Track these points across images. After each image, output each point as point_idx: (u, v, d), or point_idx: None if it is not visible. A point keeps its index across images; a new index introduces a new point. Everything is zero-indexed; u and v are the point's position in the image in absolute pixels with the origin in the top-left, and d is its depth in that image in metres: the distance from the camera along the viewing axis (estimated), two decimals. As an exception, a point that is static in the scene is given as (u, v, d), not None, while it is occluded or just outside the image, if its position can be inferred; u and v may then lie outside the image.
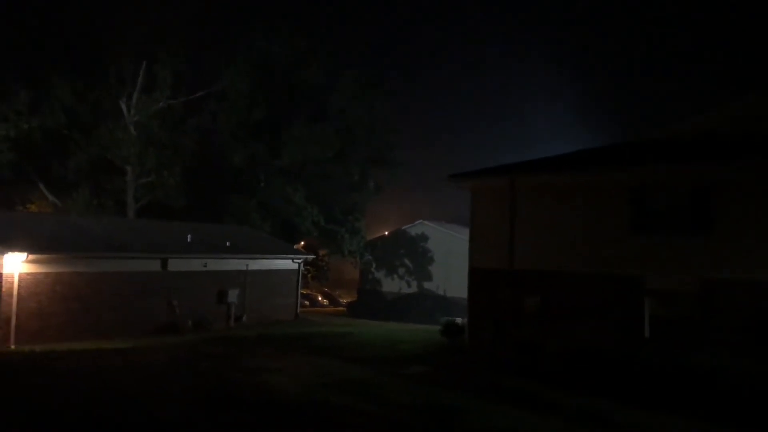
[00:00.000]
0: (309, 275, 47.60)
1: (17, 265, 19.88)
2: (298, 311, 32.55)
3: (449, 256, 43.59)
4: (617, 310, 15.52)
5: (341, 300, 57.39)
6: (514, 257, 17.37)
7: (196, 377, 13.76)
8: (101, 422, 9.67)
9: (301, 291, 34.00)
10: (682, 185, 15.16)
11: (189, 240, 27.13)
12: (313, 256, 39.28)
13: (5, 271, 19.67)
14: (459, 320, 21.76)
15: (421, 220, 49.24)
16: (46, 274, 20.84)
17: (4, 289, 19.61)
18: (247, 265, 28.79)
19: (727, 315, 13.98)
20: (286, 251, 33.23)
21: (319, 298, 55.59)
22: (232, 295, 27.38)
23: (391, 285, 48.95)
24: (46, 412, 10.19)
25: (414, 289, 47.84)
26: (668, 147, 16.97)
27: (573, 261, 16.41)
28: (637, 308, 15.29)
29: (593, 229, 16.19)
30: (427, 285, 47.14)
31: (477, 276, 18.38)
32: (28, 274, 20.27)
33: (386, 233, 52.67)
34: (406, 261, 48.59)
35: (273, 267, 30.61)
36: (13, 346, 19.41)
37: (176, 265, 25.35)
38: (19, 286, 19.97)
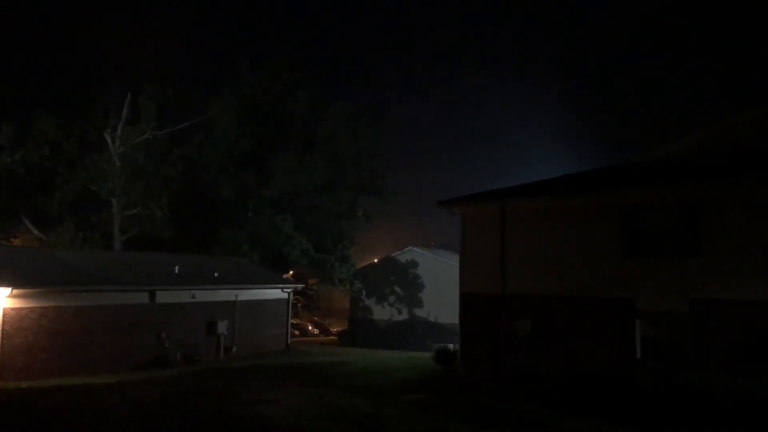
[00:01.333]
0: (299, 304, 47.26)
1: (1, 300, 19.56)
2: (289, 341, 32.20)
3: (440, 282, 43.51)
4: (609, 332, 15.53)
5: (332, 329, 56.91)
6: (505, 282, 17.38)
7: (188, 412, 13.50)
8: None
9: (291, 321, 33.69)
10: (671, 206, 15.32)
11: (177, 271, 26.86)
12: (302, 285, 39.04)
13: (-10, 306, 19.35)
14: (451, 346, 21.61)
15: (410, 247, 49.25)
16: (32, 309, 20.51)
17: (-11, 326, 19.26)
18: (236, 295, 28.52)
19: (719, 335, 14.03)
20: (276, 281, 32.99)
21: (310, 328, 55.08)
22: (222, 327, 27.06)
23: (382, 312, 48.70)
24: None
25: (405, 316, 47.62)
26: (656, 168, 17.18)
27: (564, 284, 16.45)
28: (628, 330, 15.32)
29: (584, 253, 16.26)
30: (418, 312, 46.95)
31: (468, 301, 18.34)
32: (12, 309, 19.94)
33: (376, 261, 52.59)
34: (397, 288, 48.44)
35: (262, 297, 30.33)
36: (-2, 384, 18.99)
37: (164, 297, 25.06)
38: (3, 321, 19.62)
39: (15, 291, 19.74)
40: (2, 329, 19.56)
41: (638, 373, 14.36)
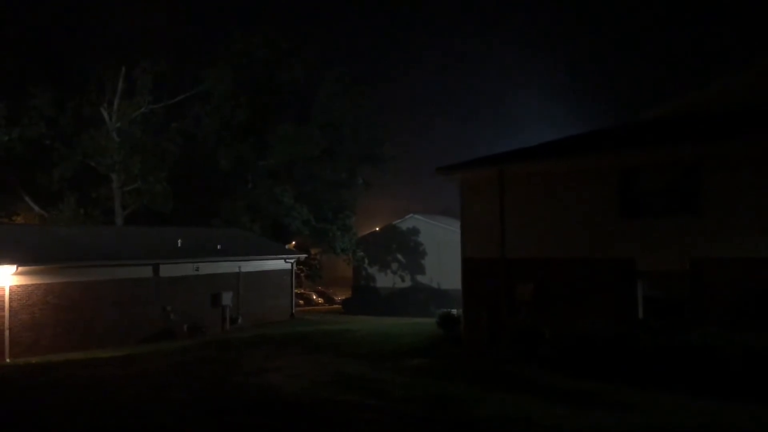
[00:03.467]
0: (302, 274, 47.56)
1: (7, 277, 19.71)
2: (294, 311, 32.52)
3: (441, 249, 43.72)
4: (610, 293, 15.64)
5: (336, 298, 57.37)
6: (506, 246, 17.44)
7: (196, 382, 13.71)
8: None
9: (295, 290, 33.95)
10: (671, 166, 15.28)
11: (179, 245, 27.00)
12: (305, 256, 39.22)
13: (-5, 284, 19.51)
14: (454, 311, 21.82)
15: (411, 214, 49.34)
16: (38, 286, 20.69)
17: (-5, 303, 19.46)
18: (239, 267, 28.70)
19: (720, 293, 14.12)
20: (278, 252, 33.14)
21: (314, 297, 55.53)
22: (226, 298, 27.30)
23: (385, 280, 49.03)
24: (49, 427, 10.13)
25: (408, 283, 47.95)
26: (655, 128, 17.10)
27: (564, 247, 16.51)
28: (630, 290, 15.42)
29: (583, 215, 16.28)
30: (420, 278, 47.25)
31: (470, 266, 18.44)
32: (18, 286, 20.11)
33: (377, 229, 52.74)
34: (399, 256, 48.68)
35: (265, 268, 30.53)
36: (8, 359, 19.28)
37: (168, 270, 25.22)
38: (10, 298, 19.81)
39: (20, 268, 19.89)
40: (9, 306, 19.76)
41: (640, 333, 14.52)
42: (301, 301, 46.97)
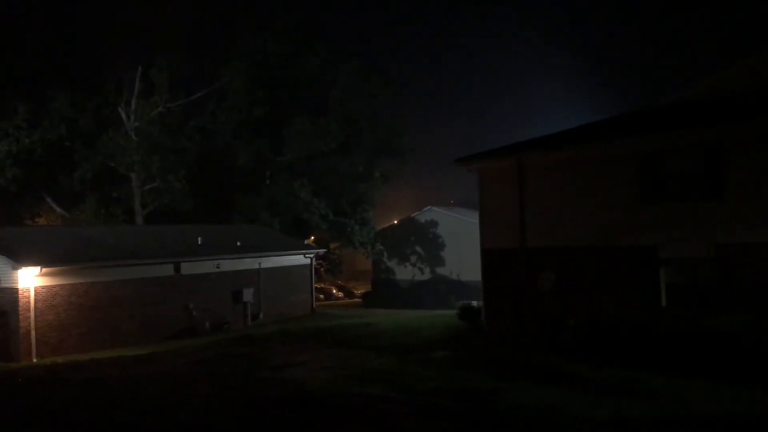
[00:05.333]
0: (322, 269, 47.67)
1: (32, 279, 19.98)
2: (314, 305, 32.63)
3: (460, 240, 43.55)
4: (633, 280, 15.47)
5: (356, 291, 57.49)
6: (526, 236, 17.32)
7: (220, 378, 13.81)
8: (134, 430, 9.71)
9: (315, 285, 34.05)
10: (692, 150, 15.04)
11: (200, 242, 27.18)
12: (324, 250, 39.30)
13: (20, 285, 19.78)
14: (475, 303, 21.74)
15: (429, 207, 49.22)
16: (62, 286, 20.94)
17: (20, 304, 19.73)
18: (259, 263, 28.84)
19: (746, 278, 13.89)
20: (297, 247, 33.25)
21: (334, 291, 55.69)
22: (247, 294, 27.46)
23: (405, 273, 49.00)
24: (74, 423, 10.25)
25: (427, 275, 47.88)
26: (675, 112, 16.83)
27: (585, 235, 16.34)
28: (653, 278, 15.24)
29: (604, 202, 16.09)
30: (440, 270, 47.15)
31: (490, 257, 18.35)
32: (43, 287, 20.38)
33: (396, 222, 52.71)
34: (418, 248, 48.60)
35: (285, 263, 30.65)
36: (35, 359, 19.56)
37: (189, 268, 25.42)
38: (35, 299, 20.08)
39: (44, 269, 20.14)
40: (35, 307, 20.03)
41: (663, 320, 14.34)
42: (322, 296, 47.12)
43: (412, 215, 50.33)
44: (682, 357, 12.91)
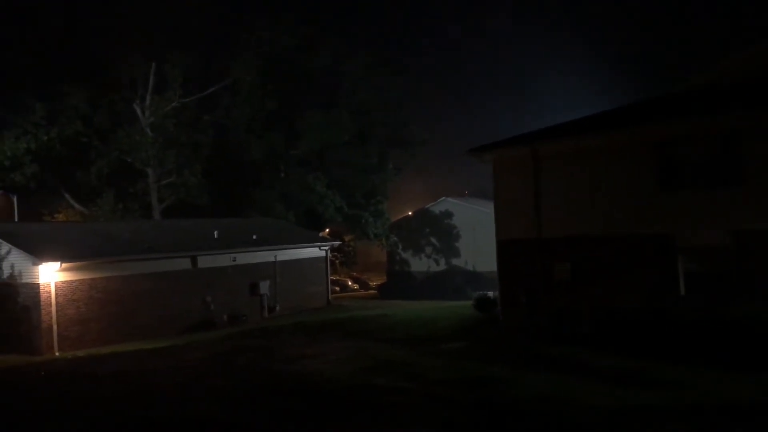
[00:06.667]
0: (337, 261, 47.85)
1: (52, 274, 20.27)
2: (330, 297, 32.79)
3: (476, 231, 43.45)
4: (650, 269, 15.34)
5: (371, 283, 57.60)
6: (541, 225, 17.23)
7: (236, 370, 13.95)
8: (151, 422, 9.85)
9: (330, 277, 34.18)
10: (710, 136, 14.86)
11: (216, 236, 27.39)
12: (339, 242, 39.42)
13: (41, 280, 20.09)
14: (491, 293, 21.72)
15: (444, 197, 49.12)
16: (81, 281, 21.23)
17: (42, 298, 20.05)
18: (275, 256, 29.01)
19: (764, 266, 13.74)
20: (312, 239, 33.39)
21: (349, 283, 55.85)
22: (264, 287, 27.65)
23: (420, 264, 49.00)
24: (93, 418, 10.41)
25: (443, 266, 47.85)
26: (691, 99, 16.62)
27: (601, 224, 16.23)
28: (671, 266, 15.11)
29: (620, 191, 15.97)
30: (455, 261, 47.10)
31: (505, 247, 18.29)
32: (63, 282, 20.67)
33: (410, 213, 52.64)
34: (433, 239, 48.56)
35: (301, 256, 30.81)
36: (57, 353, 19.88)
37: (206, 261, 25.65)
38: (56, 294, 20.38)
39: (64, 264, 20.43)
40: (56, 302, 20.33)
41: (681, 309, 14.26)
42: (337, 288, 47.28)
43: (426, 206, 50.25)
44: (700, 346, 12.83)
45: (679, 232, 15.01)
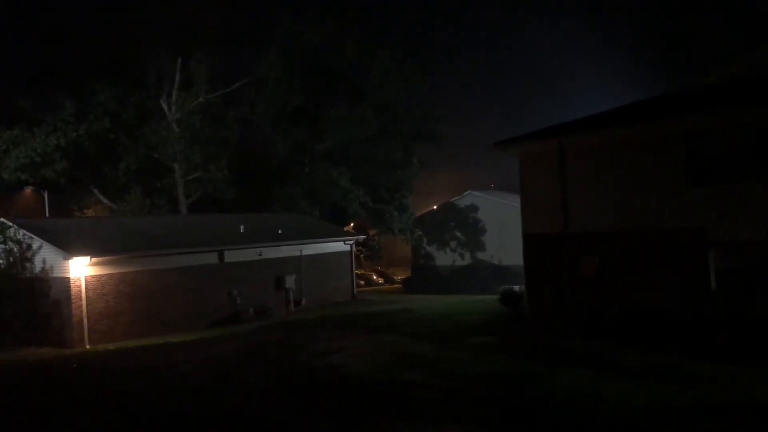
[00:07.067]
0: (362, 255, 47.92)
1: (82, 268, 20.62)
2: (355, 291, 32.88)
3: (501, 225, 43.17)
4: (679, 264, 15.05)
5: (396, 277, 57.64)
6: (568, 220, 17.02)
7: (265, 365, 14.05)
8: (183, 416, 9.97)
9: (355, 271, 34.26)
10: (741, 128, 14.51)
11: (242, 231, 27.62)
12: (363, 237, 39.48)
13: (72, 275, 20.45)
14: (517, 288, 21.55)
15: (469, 191, 48.85)
16: (110, 275, 21.57)
17: (73, 292, 20.42)
18: (300, 250, 29.17)
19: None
20: (337, 234, 33.49)
21: (374, 277, 55.97)
22: (289, 281, 27.83)
23: (445, 258, 48.87)
24: (125, 412, 10.57)
25: (468, 260, 47.65)
26: (721, 90, 16.26)
27: (629, 219, 15.96)
28: (701, 261, 14.80)
29: (648, 185, 15.68)
30: (480, 255, 46.87)
31: (531, 242, 18.11)
32: (93, 276, 21.01)
33: (435, 207, 52.48)
34: (458, 233, 48.37)
35: (326, 250, 30.93)
36: (88, 346, 20.26)
37: (232, 256, 25.88)
38: (86, 288, 20.74)
39: (94, 259, 20.78)
40: (86, 296, 20.69)
41: (711, 305, 13.98)
42: (362, 282, 47.39)
43: (451, 200, 50.05)
44: (731, 343, 12.58)
45: (709, 227, 14.69)
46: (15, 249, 21.88)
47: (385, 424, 8.86)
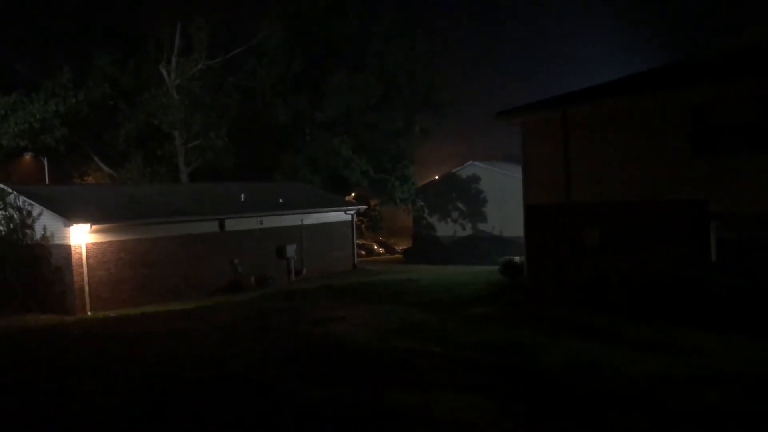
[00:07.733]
0: (363, 225, 47.87)
1: (83, 235, 20.61)
2: (356, 261, 32.93)
3: (503, 196, 43.03)
4: (681, 236, 15.00)
5: (397, 248, 57.73)
6: (570, 191, 16.92)
7: (266, 332, 14.11)
8: (185, 381, 10.03)
9: (356, 241, 34.27)
10: (746, 100, 14.32)
11: (243, 199, 27.55)
12: (365, 207, 39.37)
13: (73, 242, 20.45)
14: (517, 259, 21.56)
15: (471, 162, 48.54)
16: (111, 243, 21.56)
17: (74, 259, 20.44)
18: (301, 219, 29.14)
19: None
20: (338, 204, 33.41)
21: (375, 247, 56.07)
22: (291, 250, 27.85)
23: (446, 229, 48.83)
24: (130, 376, 10.63)
25: (469, 231, 47.62)
26: (727, 61, 16.00)
27: (632, 190, 15.86)
28: (703, 233, 14.74)
29: (652, 155, 15.53)
30: (482, 226, 46.82)
31: (533, 213, 18.05)
32: (94, 243, 21.01)
33: (437, 178, 52.26)
34: (459, 204, 48.24)
35: (327, 220, 30.90)
36: (89, 313, 20.35)
37: (233, 224, 25.85)
38: (87, 255, 20.75)
39: (94, 226, 20.74)
40: (87, 263, 20.72)
41: (713, 276, 13.97)
42: (363, 252, 47.46)
43: (453, 170, 49.82)
44: (733, 314, 12.61)
45: (712, 198, 14.59)
46: (15, 216, 21.84)
47: (385, 391, 8.90)
